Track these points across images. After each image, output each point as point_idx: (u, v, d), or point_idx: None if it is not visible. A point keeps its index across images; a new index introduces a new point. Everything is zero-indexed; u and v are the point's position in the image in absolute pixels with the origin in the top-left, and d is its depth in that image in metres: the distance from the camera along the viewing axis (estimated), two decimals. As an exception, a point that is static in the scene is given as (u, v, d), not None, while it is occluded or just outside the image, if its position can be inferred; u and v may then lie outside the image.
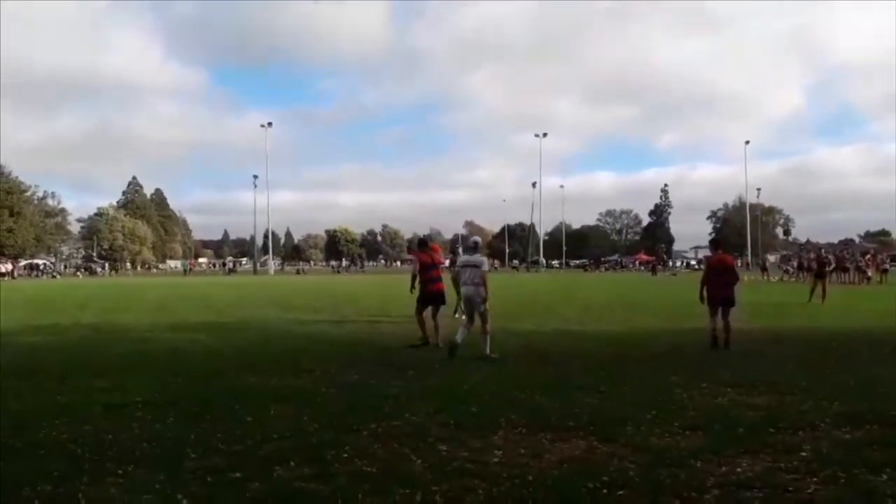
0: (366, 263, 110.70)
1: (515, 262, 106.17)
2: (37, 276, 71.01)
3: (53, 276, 70.73)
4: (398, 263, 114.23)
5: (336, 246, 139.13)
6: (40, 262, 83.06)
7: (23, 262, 79.51)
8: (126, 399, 6.65)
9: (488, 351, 9.29)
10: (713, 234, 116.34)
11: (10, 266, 71.56)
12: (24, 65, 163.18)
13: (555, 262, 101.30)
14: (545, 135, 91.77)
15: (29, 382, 7.70)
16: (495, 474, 4.33)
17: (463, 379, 7.65)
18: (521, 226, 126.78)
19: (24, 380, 7.86)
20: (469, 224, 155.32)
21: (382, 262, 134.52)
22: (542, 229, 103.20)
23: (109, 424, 5.66)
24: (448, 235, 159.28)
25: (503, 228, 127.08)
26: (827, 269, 22.73)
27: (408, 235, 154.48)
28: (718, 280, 10.51)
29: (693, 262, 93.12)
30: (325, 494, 3.99)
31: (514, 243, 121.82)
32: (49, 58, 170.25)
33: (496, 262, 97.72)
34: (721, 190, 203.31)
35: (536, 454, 4.78)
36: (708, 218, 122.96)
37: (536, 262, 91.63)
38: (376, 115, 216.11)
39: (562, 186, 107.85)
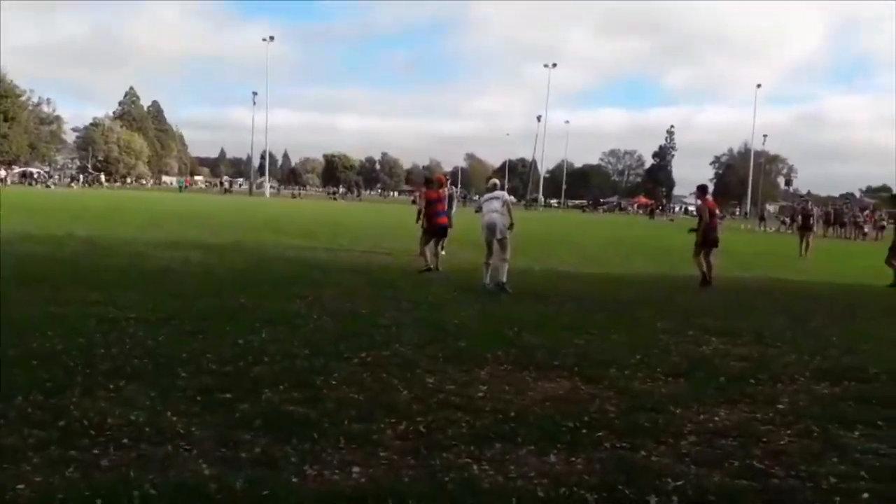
0: (363, 192, 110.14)
1: (513, 198, 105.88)
2: (30, 184, 70.53)
3: (47, 186, 70.29)
4: (395, 194, 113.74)
5: (334, 172, 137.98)
6: (34, 170, 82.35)
7: (16, 170, 78.83)
8: (119, 314, 6.71)
9: (505, 279, 9.65)
10: (714, 181, 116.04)
11: (3, 173, 71.05)
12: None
13: (553, 201, 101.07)
14: (554, 65, 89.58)
15: (22, 292, 7.75)
16: (479, 408, 4.43)
17: (454, 313, 7.73)
18: (522, 161, 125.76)
19: (17, 289, 7.90)
20: (470, 157, 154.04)
21: (380, 190, 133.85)
22: (544, 166, 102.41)
23: (102, 338, 5.73)
24: (448, 167, 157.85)
25: (504, 163, 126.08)
26: (811, 222, 22.79)
27: (407, 166, 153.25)
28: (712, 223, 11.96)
29: (692, 209, 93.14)
30: (313, 418, 4.09)
31: (514, 179, 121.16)
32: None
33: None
34: (727, 135, 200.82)
35: (520, 391, 4.88)
36: (711, 163, 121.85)
37: (535, 200, 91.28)
38: (383, 35, 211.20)
39: (567, 122, 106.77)
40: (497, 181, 11.45)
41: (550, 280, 11.65)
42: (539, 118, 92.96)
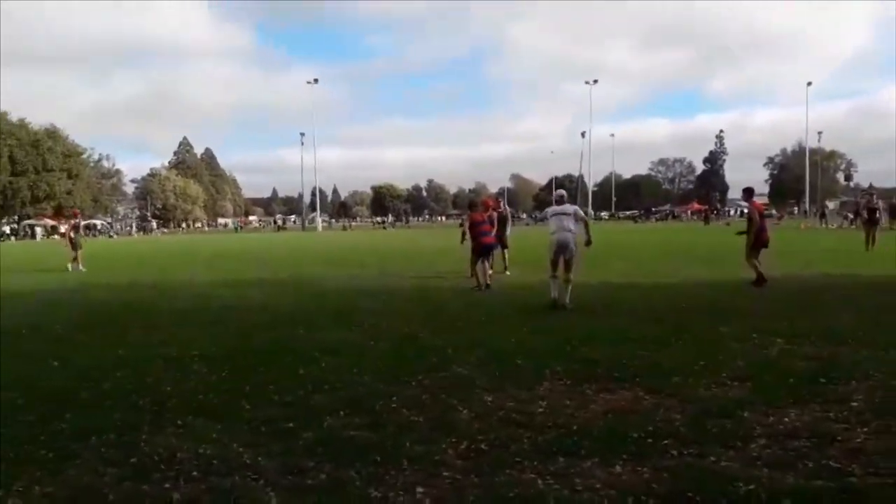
0: (411, 219, 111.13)
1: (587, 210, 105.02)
2: (94, 235, 73.60)
3: (110, 236, 73.27)
4: (443, 218, 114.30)
5: (382, 202, 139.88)
6: (97, 222, 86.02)
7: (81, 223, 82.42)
8: (183, 353, 6.92)
9: (568, 300, 9.43)
10: (769, 181, 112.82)
11: (67, 227, 74.29)
12: (78, 31, 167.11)
13: (603, 214, 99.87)
14: (595, 81, 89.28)
15: (92, 337, 8.08)
16: (540, 424, 4.39)
17: (509, 331, 7.69)
18: (569, 177, 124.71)
19: (87, 334, 8.24)
20: (516, 177, 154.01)
21: (427, 216, 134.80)
22: (592, 180, 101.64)
23: (169, 377, 5.92)
24: (493, 189, 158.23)
25: (550, 180, 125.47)
26: (877, 215, 21.97)
27: (453, 190, 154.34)
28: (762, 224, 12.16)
29: (747, 211, 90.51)
30: (375, 442, 4.12)
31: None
32: (100, 24, 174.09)
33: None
34: (779, 135, 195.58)
35: (581, 405, 4.81)
36: (765, 164, 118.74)
37: (585, 214, 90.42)
38: (422, 70, 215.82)
39: (612, 135, 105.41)
40: (564, 192, 10.84)
41: (606, 292, 11.47)
42: (583, 134, 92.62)
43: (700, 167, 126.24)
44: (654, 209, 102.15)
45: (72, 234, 20.39)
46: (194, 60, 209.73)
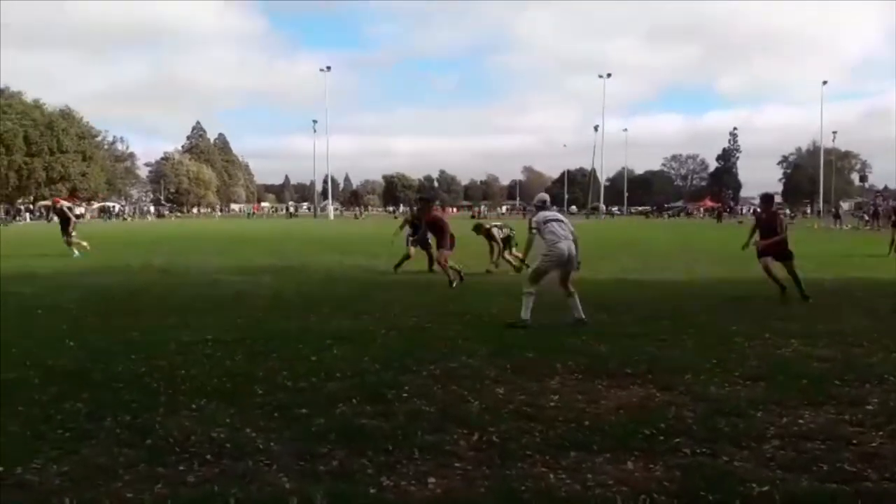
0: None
1: (574, 208, 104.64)
2: (109, 218, 74.14)
3: (124, 219, 73.74)
4: (454, 210, 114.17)
5: (393, 192, 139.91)
6: (112, 204, 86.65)
7: (95, 205, 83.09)
8: (196, 337, 6.96)
9: (582, 313, 7.85)
10: (783, 181, 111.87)
11: (83, 209, 75.09)
12: (88, 13, 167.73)
13: (615, 209, 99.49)
14: (609, 75, 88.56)
15: (105, 319, 8.15)
16: (552, 418, 4.39)
17: (517, 328, 7.68)
18: (581, 171, 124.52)
19: (100, 316, 8.31)
20: (528, 170, 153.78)
21: (440, 207, 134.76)
22: (604, 175, 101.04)
23: (182, 360, 5.96)
24: (505, 181, 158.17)
25: (563, 174, 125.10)
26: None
27: (464, 181, 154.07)
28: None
29: (760, 209, 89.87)
30: (387, 431, 4.13)
31: (574, 189, 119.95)
32: (116, 7, 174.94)
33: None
34: (792, 133, 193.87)
35: (593, 400, 4.81)
36: (779, 163, 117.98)
37: (596, 209, 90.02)
38: (431, 60, 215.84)
39: (625, 130, 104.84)
40: (546, 197, 9.25)
41: (616, 288, 11.44)
42: (596, 128, 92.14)
43: (713, 164, 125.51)
44: (666, 205, 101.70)
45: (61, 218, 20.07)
46: (207, 45, 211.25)
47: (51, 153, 76.52)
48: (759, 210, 12.46)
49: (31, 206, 75.94)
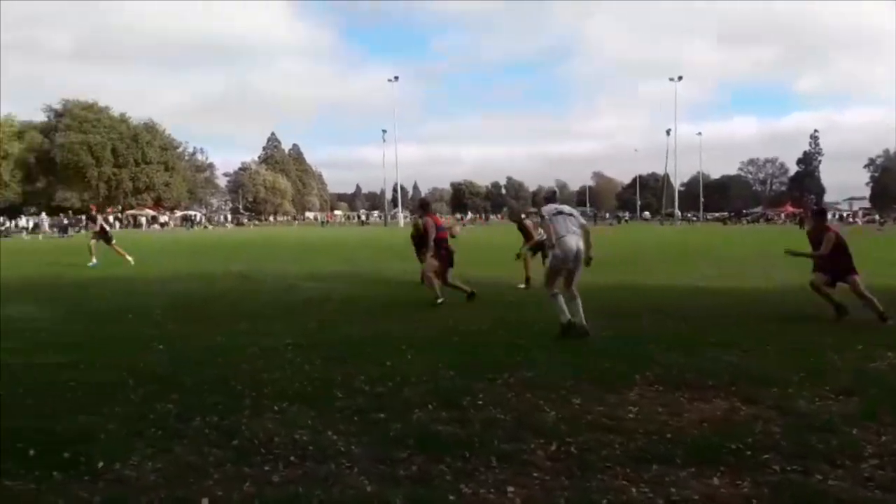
0: (490, 216, 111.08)
1: (647, 213, 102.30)
2: (190, 226, 77.36)
3: (205, 227, 76.78)
4: (521, 216, 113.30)
5: (461, 199, 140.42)
6: (193, 213, 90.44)
7: (178, 214, 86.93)
8: (276, 342, 7.17)
9: (584, 319, 7.44)
10: (870, 184, 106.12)
11: (167, 217, 78.85)
12: (173, 32, 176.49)
13: (690, 215, 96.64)
14: (680, 78, 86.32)
15: (190, 324, 8.50)
16: (631, 430, 4.30)
17: (594, 334, 7.56)
18: (654, 176, 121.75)
19: (184, 323, 8.66)
20: (597, 175, 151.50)
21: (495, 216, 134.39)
22: (678, 180, 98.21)
23: (264, 364, 6.15)
24: (574, 187, 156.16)
25: (634, 179, 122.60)
26: None
27: (532, 188, 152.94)
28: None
29: (846, 214, 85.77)
30: (463, 438, 4.14)
31: (646, 195, 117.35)
32: (193, 24, 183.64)
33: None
34: (878, 135, 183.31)
35: (675, 412, 4.68)
36: (865, 166, 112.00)
37: (671, 215, 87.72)
38: (498, 68, 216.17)
39: (699, 134, 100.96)
40: (556, 190, 8.43)
41: (693, 296, 11.12)
42: (668, 132, 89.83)
43: (793, 168, 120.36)
44: (744, 211, 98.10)
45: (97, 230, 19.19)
46: (280, 58, 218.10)
47: (136, 164, 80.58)
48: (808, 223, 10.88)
49: (120, 215, 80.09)
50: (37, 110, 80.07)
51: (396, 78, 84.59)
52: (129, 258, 18.40)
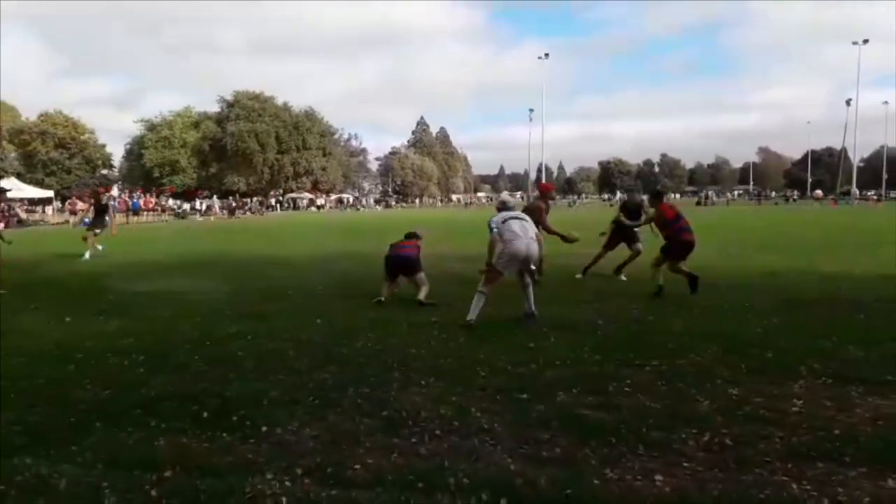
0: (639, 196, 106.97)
1: (819, 191, 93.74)
2: (345, 208, 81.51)
3: (357, 209, 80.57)
4: (677, 195, 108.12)
5: (609, 178, 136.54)
6: (347, 196, 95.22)
7: (333, 197, 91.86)
8: (423, 319, 7.40)
9: (533, 307, 7.34)
10: None
11: (323, 200, 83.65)
12: (328, 21, 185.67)
13: (871, 193, 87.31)
14: (865, 41, 77.41)
15: (346, 300, 8.97)
16: (794, 424, 4.01)
17: (754, 322, 7.09)
18: (829, 151, 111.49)
19: (342, 299, 9.16)
20: (763, 150, 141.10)
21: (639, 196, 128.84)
22: (857, 154, 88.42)
23: (412, 340, 6.38)
24: (737, 164, 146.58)
25: (805, 154, 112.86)
26: None
27: (689, 165, 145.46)
28: None
29: None
30: (609, 424, 4.07)
31: (818, 171, 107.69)
32: (348, 14, 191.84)
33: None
34: None
35: (844, 408, 4.30)
36: None
37: (847, 193, 79.63)
38: (655, 40, 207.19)
39: (885, 103, 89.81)
40: (510, 199, 8.71)
41: (870, 285, 10.07)
42: (849, 101, 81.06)
43: None
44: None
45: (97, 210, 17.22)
46: (432, 43, 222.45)
47: (297, 150, 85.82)
48: None
49: (281, 198, 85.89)
50: (213, 102, 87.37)
51: (547, 55, 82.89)
52: (89, 254, 15.87)
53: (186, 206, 62.92)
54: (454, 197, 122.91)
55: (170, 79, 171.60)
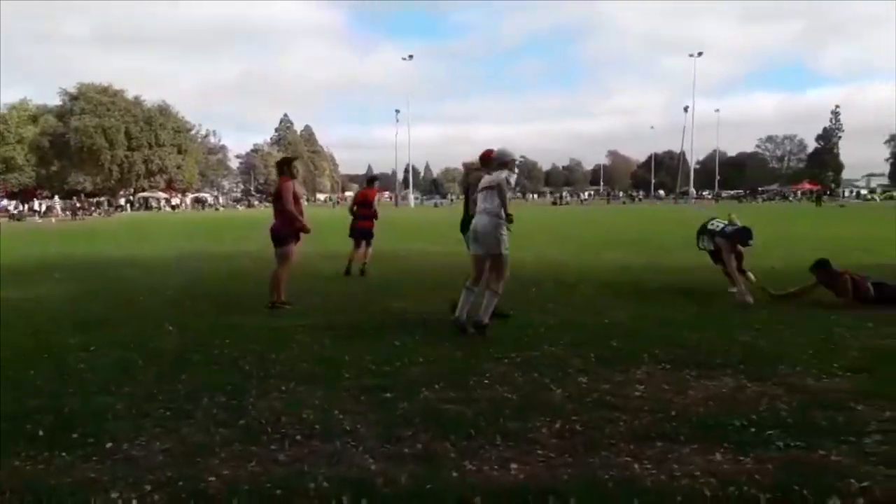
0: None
1: (661, 192, 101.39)
2: (202, 208, 77.80)
3: (216, 209, 77.15)
4: (534, 196, 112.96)
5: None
6: (205, 195, 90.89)
7: (190, 196, 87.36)
8: (287, 322, 7.22)
9: (487, 318, 6.54)
10: (891, 161, 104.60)
11: (178, 199, 79.30)
12: (186, 14, 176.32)
13: (706, 193, 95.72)
14: (700, 54, 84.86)
15: (202, 304, 8.56)
16: (637, 407, 4.31)
17: (604, 314, 7.56)
18: (669, 154, 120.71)
19: (194, 301, 8.74)
20: (612, 154, 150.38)
21: (520, 194, 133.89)
22: (694, 157, 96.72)
23: (273, 344, 6.20)
24: (589, 166, 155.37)
25: (650, 157, 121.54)
26: None
27: (546, 167, 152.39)
28: None
29: (865, 192, 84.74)
30: (469, 417, 4.17)
31: (660, 173, 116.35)
32: (206, 7, 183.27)
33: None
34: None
35: (680, 390, 4.68)
36: (886, 142, 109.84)
37: (685, 193, 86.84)
38: (513, 48, 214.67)
39: (717, 111, 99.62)
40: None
41: (706, 277, 11.03)
42: (686, 108, 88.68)
43: (812, 145, 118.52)
44: (760, 189, 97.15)
45: None
46: (292, 40, 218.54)
47: (149, 147, 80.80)
48: None
49: (132, 198, 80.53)
50: (54, 94, 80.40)
51: (411, 56, 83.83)
52: None
53: (23, 206, 57.41)
54: (321, 196, 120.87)
55: (3, 68, 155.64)
